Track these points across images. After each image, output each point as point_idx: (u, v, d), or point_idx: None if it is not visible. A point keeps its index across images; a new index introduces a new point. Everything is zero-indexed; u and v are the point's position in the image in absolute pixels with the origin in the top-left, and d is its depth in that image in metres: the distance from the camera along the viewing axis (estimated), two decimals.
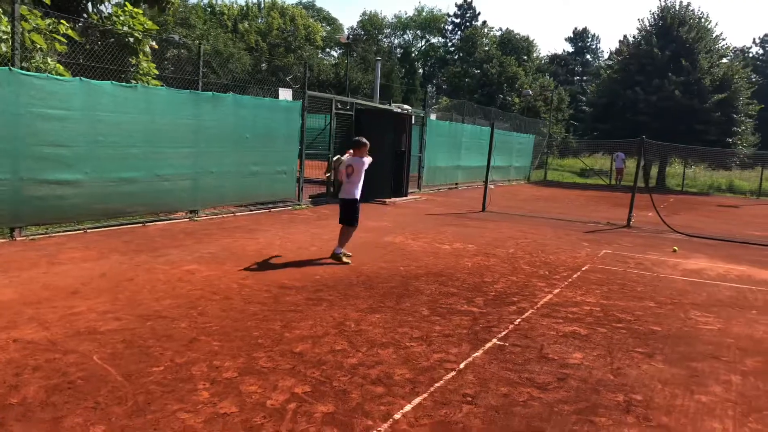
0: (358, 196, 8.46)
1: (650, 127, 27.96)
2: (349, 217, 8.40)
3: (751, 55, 61.97)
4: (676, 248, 10.76)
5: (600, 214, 16.08)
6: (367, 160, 8.50)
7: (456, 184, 22.84)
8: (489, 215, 14.65)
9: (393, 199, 16.23)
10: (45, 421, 3.45)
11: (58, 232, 8.99)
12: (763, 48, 61.66)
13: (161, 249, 8.39)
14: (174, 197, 10.89)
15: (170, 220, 10.79)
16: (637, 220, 14.32)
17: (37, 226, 8.87)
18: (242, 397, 3.87)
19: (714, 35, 31.16)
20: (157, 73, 13.55)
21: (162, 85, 12.51)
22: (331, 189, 15.61)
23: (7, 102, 8.09)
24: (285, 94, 13.60)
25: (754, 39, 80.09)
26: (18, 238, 8.40)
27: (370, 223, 11.93)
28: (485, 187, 15.91)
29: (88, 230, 9.34)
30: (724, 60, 32.01)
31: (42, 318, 5.19)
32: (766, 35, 61.48)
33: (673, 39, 30.29)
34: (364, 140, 8.63)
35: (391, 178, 16.22)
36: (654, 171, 33.23)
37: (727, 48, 32.42)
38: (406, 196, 17.18)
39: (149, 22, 13.54)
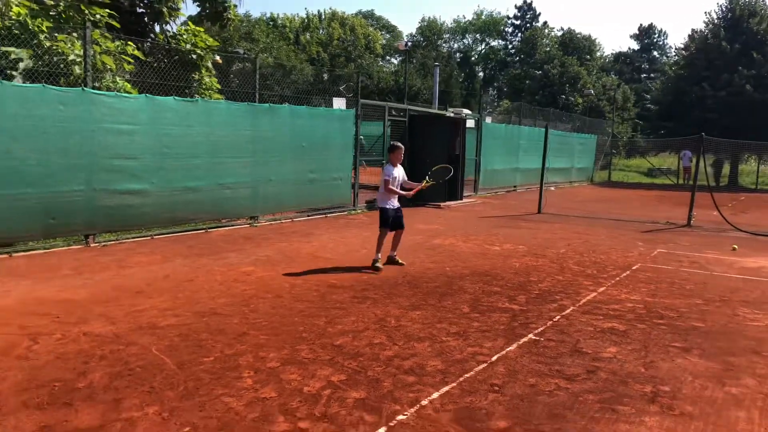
0: (379, 202, 8.46)
1: (719, 123, 26.98)
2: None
3: None
4: (735, 246, 10.46)
5: (661, 214, 15.70)
6: (387, 168, 8.37)
7: (514, 186, 22.73)
8: (544, 217, 14.60)
9: (448, 203, 16.39)
10: (107, 402, 3.86)
11: (128, 238, 9.66)
12: None
13: (221, 253, 8.90)
14: (235, 204, 11.45)
15: (232, 226, 11.35)
16: (700, 219, 13.94)
17: (109, 233, 9.57)
18: (282, 384, 4.19)
19: None
20: (219, 87, 14.26)
21: (223, 99, 13.18)
22: None
23: (80, 119, 8.80)
24: (339, 103, 14.04)
25: None
26: (92, 245, 9.10)
27: (422, 226, 12.16)
28: (540, 189, 15.85)
29: (155, 236, 9.98)
30: None
31: (109, 314, 5.69)
32: None
33: (743, 31, 29.10)
34: (394, 144, 8.60)
35: (445, 182, 16.34)
36: (726, 169, 31.97)
37: None
38: (461, 199, 17.30)
39: (210, 39, 14.27)
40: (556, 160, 24.15)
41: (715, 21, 30.98)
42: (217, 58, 17.20)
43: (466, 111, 25.42)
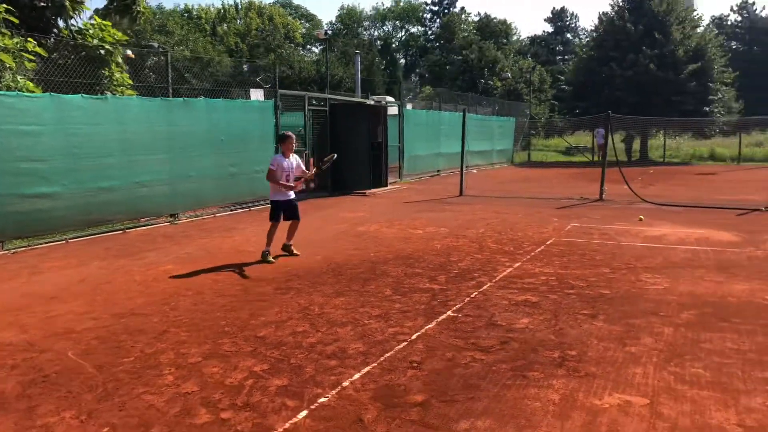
0: (271, 194, 8.41)
1: (628, 101, 28.32)
2: None
3: (729, 23, 62.33)
4: (642, 217, 11.12)
5: (576, 190, 16.38)
6: (274, 158, 8.32)
7: (438, 171, 23.13)
8: (466, 199, 14.99)
9: (373, 190, 16.53)
10: (20, 410, 3.76)
11: (40, 243, 9.27)
12: (741, 15, 61.97)
13: (140, 253, 8.69)
14: (153, 203, 11.18)
15: (151, 225, 11.08)
16: (612, 193, 14.66)
17: (20, 239, 9.16)
18: (204, 378, 4.20)
19: (686, 6, 31.47)
20: (131, 83, 13.78)
21: (136, 95, 12.78)
22: (311, 185, 15.92)
23: None
24: (257, 94, 13.89)
25: (731, 7, 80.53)
26: (1, 252, 8.68)
27: (347, 215, 12.26)
28: (461, 172, 16.25)
29: (70, 240, 9.62)
30: (698, 30, 32.34)
31: (21, 323, 5.49)
32: (743, 2, 61.74)
33: (646, 13, 30.56)
34: (284, 134, 8.48)
35: (369, 170, 16.54)
36: (637, 144, 33.61)
37: (699, 18, 32.72)
38: (386, 186, 17.48)
39: (119, 33, 13.75)
40: (476, 143, 24.70)
41: (620, 3, 32.40)
42: (129, 52, 16.58)
43: (389, 98, 25.61)
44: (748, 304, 5.75)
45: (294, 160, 8.37)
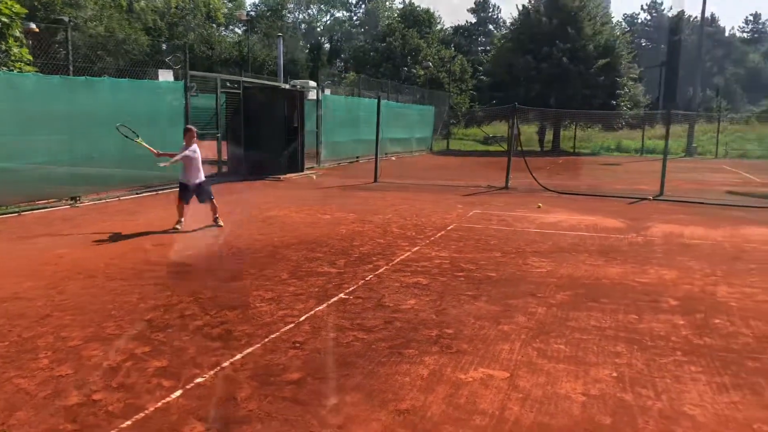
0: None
1: (542, 93, 29.42)
2: None
3: (639, 21, 65.54)
4: (540, 205, 11.67)
5: (486, 179, 16.93)
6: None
7: (357, 157, 23.26)
8: (380, 185, 15.21)
9: (288, 175, 16.48)
10: None
11: None
12: (650, 14, 65.27)
13: (34, 237, 8.37)
14: (52, 185, 10.75)
15: (49, 208, 10.66)
16: (518, 182, 15.24)
17: None
18: (81, 361, 4.17)
19: (597, 2, 32.85)
20: (30, 58, 13.11)
21: (36, 71, 12.19)
22: (223, 169, 15.74)
23: None
24: (165, 75, 13.51)
25: (642, 5, 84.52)
26: None
27: (258, 199, 12.21)
28: (376, 159, 16.45)
29: None
30: (608, 26, 33.83)
31: None
32: (652, 1, 65.04)
33: (560, 8, 31.73)
34: (186, 127, 9.59)
35: (284, 155, 16.46)
36: (550, 135, 34.93)
37: (610, 15, 34.24)
38: (302, 171, 17.46)
39: (17, 6, 13.03)
40: (395, 130, 25.02)
41: None
42: (33, 26, 15.72)
43: (311, 83, 25.41)
44: (618, 286, 6.22)
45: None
